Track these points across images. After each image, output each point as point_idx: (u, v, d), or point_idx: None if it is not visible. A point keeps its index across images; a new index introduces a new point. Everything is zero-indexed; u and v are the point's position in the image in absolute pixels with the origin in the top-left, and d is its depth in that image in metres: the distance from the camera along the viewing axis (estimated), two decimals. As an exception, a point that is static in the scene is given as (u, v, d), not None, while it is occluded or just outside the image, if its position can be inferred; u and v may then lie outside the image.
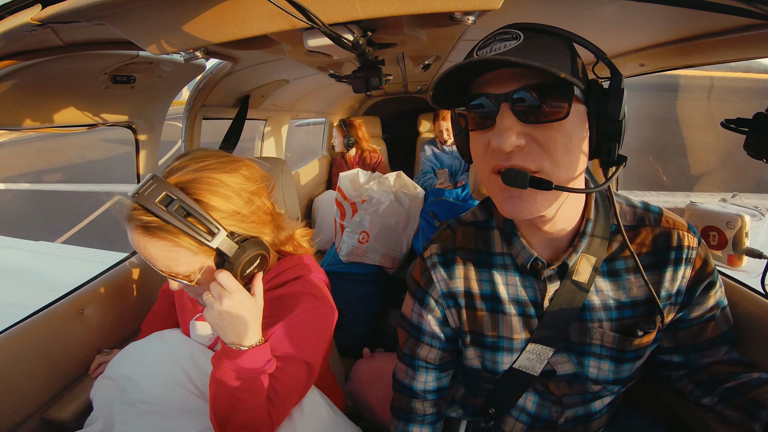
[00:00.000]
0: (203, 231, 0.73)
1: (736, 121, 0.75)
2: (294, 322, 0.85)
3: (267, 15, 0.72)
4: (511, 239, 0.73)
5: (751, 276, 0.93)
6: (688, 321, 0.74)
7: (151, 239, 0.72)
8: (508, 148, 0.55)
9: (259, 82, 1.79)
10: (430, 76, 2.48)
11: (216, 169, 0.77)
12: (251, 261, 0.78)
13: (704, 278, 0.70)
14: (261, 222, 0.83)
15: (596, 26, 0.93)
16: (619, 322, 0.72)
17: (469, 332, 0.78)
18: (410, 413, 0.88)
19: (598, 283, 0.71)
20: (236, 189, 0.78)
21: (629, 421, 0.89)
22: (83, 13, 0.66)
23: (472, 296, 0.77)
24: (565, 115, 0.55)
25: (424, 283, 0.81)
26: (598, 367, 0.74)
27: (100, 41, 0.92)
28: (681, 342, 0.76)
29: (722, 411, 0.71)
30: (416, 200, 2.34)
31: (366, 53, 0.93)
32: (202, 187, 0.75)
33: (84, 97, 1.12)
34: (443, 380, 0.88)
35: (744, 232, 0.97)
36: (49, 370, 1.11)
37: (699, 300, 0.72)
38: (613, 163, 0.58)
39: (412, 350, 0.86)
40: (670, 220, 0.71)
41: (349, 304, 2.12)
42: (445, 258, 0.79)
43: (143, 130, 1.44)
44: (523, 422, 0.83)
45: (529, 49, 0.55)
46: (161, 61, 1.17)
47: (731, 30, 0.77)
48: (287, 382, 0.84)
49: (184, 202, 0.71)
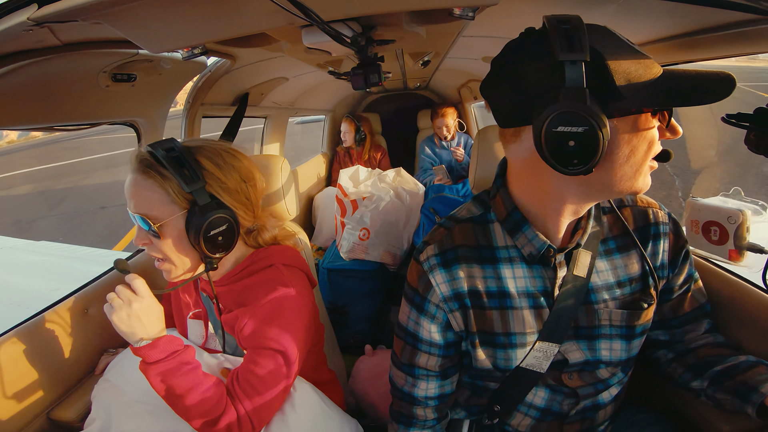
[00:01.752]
0: (189, 181, 0.81)
1: (737, 116, 0.74)
2: (262, 311, 0.86)
3: (265, 12, 0.72)
4: (516, 230, 0.72)
5: (752, 271, 0.93)
6: (669, 292, 0.79)
7: (142, 176, 0.82)
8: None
9: (258, 79, 1.79)
10: (430, 72, 2.48)
11: (219, 147, 0.90)
12: (218, 222, 0.82)
13: (680, 249, 0.77)
14: (242, 204, 0.89)
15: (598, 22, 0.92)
16: (622, 299, 0.74)
17: (477, 333, 0.75)
18: (411, 418, 0.85)
19: (597, 264, 0.74)
20: (229, 164, 0.88)
21: (633, 416, 0.89)
22: (80, 12, 0.65)
23: (479, 295, 0.74)
24: None
25: (422, 289, 0.77)
26: (610, 348, 0.75)
27: (97, 41, 0.92)
28: (664, 316, 0.81)
29: (713, 395, 0.74)
30: (417, 196, 2.34)
31: (365, 50, 0.93)
32: (203, 152, 0.86)
33: (84, 95, 1.12)
34: (446, 387, 0.84)
35: (745, 227, 0.96)
36: (54, 369, 1.11)
37: (679, 271, 0.78)
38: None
39: (410, 359, 0.81)
40: (644, 200, 0.78)
41: (351, 301, 2.12)
42: (444, 258, 0.75)
43: (145, 129, 1.44)
44: (532, 417, 0.82)
45: None
46: (161, 58, 1.17)
47: (731, 25, 0.77)
48: (261, 373, 0.83)
49: (182, 154, 0.82)
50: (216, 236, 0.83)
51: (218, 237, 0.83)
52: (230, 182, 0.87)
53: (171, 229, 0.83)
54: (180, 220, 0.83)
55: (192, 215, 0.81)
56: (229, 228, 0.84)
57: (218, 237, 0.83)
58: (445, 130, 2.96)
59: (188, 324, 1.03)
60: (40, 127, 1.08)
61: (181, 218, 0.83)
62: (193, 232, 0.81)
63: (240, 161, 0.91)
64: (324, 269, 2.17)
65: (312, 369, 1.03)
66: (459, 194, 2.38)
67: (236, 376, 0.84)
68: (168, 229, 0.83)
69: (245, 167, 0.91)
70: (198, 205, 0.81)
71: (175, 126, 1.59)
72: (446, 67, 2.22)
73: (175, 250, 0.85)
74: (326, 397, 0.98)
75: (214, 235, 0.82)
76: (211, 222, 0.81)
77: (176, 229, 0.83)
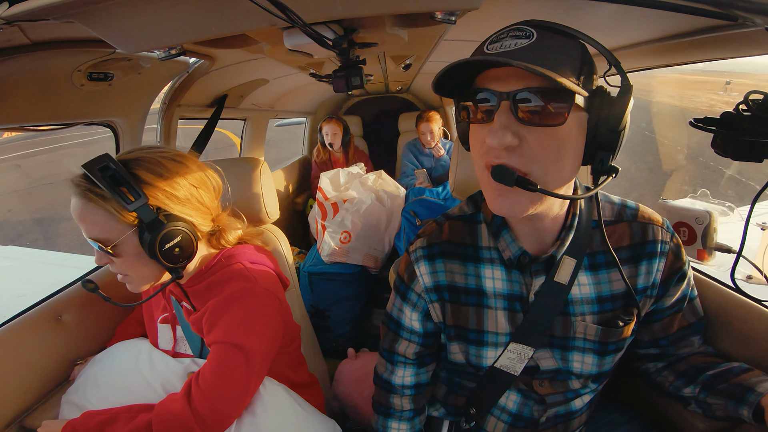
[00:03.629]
0: (129, 199, 0.78)
1: (704, 120, 0.78)
2: (219, 305, 0.86)
3: (246, 13, 0.71)
4: (498, 233, 0.74)
5: (720, 270, 0.96)
6: (660, 313, 0.77)
7: (83, 201, 0.79)
8: (500, 146, 0.56)
9: (237, 81, 1.76)
10: (411, 75, 2.49)
11: (160, 155, 0.85)
12: (170, 235, 0.81)
13: (676, 271, 0.73)
14: (196, 209, 0.87)
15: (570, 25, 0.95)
16: (601, 315, 0.74)
17: (453, 327, 0.78)
18: (389, 408, 0.89)
19: (580, 277, 0.73)
20: (173, 172, 0.84)
21: (606, 416, 0.91)
22: (52, 10, 0.63)
23: (457, 290, 0.77)
24: (562, 122, 0.55)
25: (407, 278, 0.81)
26: (582, 361, 0.75)
27: (69, 40, 0.89)
28: (655, 335, 0.79)
29: (705, 399, 0.72)
30: (398, 199, 2.34)
31: (347, 52, 0.93)
32: (142, 164, 0.82)
33: (58, 95, 1.08)
34: (422, 376, 0.88)
35: (713, 228, 1.00)
36: (26, 377, 1.06)
37: (671, 292, 0.75)
38: (604, 171, 0.58)
39: (390, 345, 0.86)
40: (646, 216, 0.74)
41: (333, 304, 2.11)
42: (430, 251, 0.78)
43: (123, 129, 1.40)
44: (505, 422, 0.83)
45: (540, 50, 0.55)
46: (140, 57, 1.14)
47: (701, 31, 0.80)
48: (217, 368, 0.81)
49: (118, 170, 0.78)
50: (172, 249, 0.81)
51: (174, 249, 0.82)
52: (178, 191, 0.84)
53: (126, 248, 0.81)
54: (132, 237, 0.81)
55: (142, 232, 0.80)
56: (185, 238, 0.83)
57: (174, 249, 0.82)
58: (429, 136, 2.90)
59: (158, 329, 1.01)
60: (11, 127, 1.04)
61: (133, 235, 0.81)
62: (147, 248, 0.80)
63: (186, 166, 0.87)
64: (305, 273, 2.15)
65: (289, 370, 1.02)
66: (440, 197, 2.40)
67: (196, 376, 0.82)
68: (123, 248, 0.81)
69: (193, 171, 0.88)
70: (145, 222, 0.79)
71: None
72: (428, 71, 2.24)
73: (134, 266, 0.84)
74: (302, 399, 0.97)
75: (169, 248, 0.81)
76: (163, 236, 0.80)
77: (131, 246, 0.81)
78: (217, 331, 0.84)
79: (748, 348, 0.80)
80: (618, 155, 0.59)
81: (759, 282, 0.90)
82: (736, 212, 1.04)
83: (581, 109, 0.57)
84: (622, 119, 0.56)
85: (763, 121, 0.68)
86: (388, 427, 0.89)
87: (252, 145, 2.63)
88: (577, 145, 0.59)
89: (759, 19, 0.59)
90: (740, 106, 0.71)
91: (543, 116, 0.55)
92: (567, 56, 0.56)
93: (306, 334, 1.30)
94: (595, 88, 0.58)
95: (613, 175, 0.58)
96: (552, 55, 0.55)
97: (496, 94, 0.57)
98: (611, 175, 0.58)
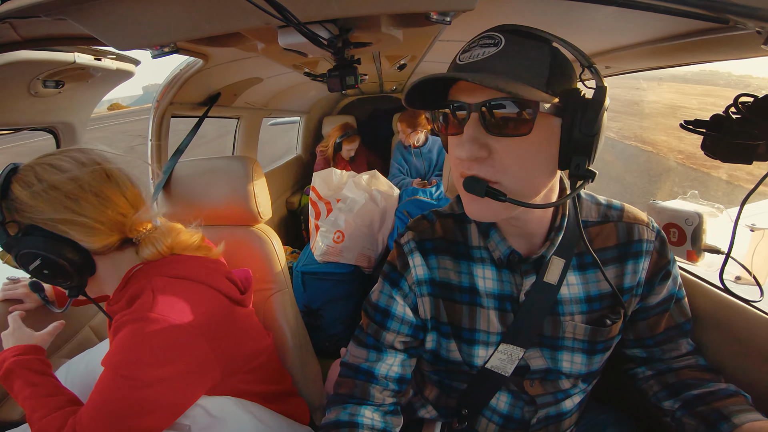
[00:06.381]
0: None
1: (694, 122, 0.79)
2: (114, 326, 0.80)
3: (240, 12, 0.70)
4: (487, 233, 0.74)
5: (709, 270, 0.98)
6: (645, 311, 0.78)
7: None
8: (468, 158, 0.57)
9: (230, 79, 1.75)
10: (406, 75, 2.50)
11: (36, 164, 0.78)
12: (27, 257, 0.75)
13: (660, 269, 0.74)
14: (77, 224, 0.78)
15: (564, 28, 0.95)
16: (589, 315, 0.74)
17: (449, 324, 0.77)
18: (365, 399, 0.78)
19: (569, 277, 0.74)
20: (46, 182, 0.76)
21: (596, 416, 0.92)
22: (44, 7, 0.62)
23: (451, 288, 0.76)
24: (527, 131, 0.55)
25: (400, 266, 0.78)
26: (571, 361, 0.76)
27: (60, 37, 0.87)
28: (640, 334, 0.80)
29: (681, 418, 0.72)
30: (391, 199, 2.34)
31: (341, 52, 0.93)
32: (20, 177, 0.77)
33: (8, 101, 1.08)
34: (407, 368, 0.81)
35: (702, 229, 1.02)
36: None
37: (657, 290, 0.76)
38: (580, 176, 0.57)
39: (376, 334, 0.79)
40: (631, 215, 0.75)
41: (326, 304, 2.10)
42: (422, 246, 0.78)
43: (65, 134, 1.40)
44: (496, 423, 0.83)
45: (504, 58, 0.55)
46: (93, 66, 1.15)
47: (694, 33, 0.81)
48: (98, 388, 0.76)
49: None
50: (40, 269, 0.76)
51: (43, 270, 0.76)
52: (45, 206, 0.75)
53: None
54: None
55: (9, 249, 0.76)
56: (46, 259, 0.75)
57: (43, 270, 0.76)
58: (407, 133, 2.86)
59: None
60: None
61: None
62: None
63: (60, 174, 0.77)
64: (298, 272, 2.14)
65: (257, 386, 0.98)
66: (433, 197, 2.40)
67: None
68: None
69: (72, 181, 0.77)
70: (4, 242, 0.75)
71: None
72: (423, 71, 2.25)
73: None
74: (268, 412, 0.95)
75: (36, 268, 0.75)
76: (20, 257, 0.75)
77: None
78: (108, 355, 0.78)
79: (736, 348, 0.81)
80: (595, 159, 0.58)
81: (748, 282, 0.91)
82: (726, 213, 1.05)
83: (552, 114, 0.56)
84: (596, 122, 0.54)
85: (752, 123, 0.69)
86: (360, 414, 0.75)
87: (245, 144, 2.62)
88: (549, 151, 0.59)
89: (751, 23, 0.59)
90: (730, 108, 0.72)
91: (509, 126, 0.55)
92: (534, 61, 0.56)
93: (299, 334, 1.29)
94: (569, 91, 0.57)
95: (589, 180, 0.58)
96: (518, 61, 0.55)
97: (465, 106, 0.57)
98: (588, 180, 0.57)
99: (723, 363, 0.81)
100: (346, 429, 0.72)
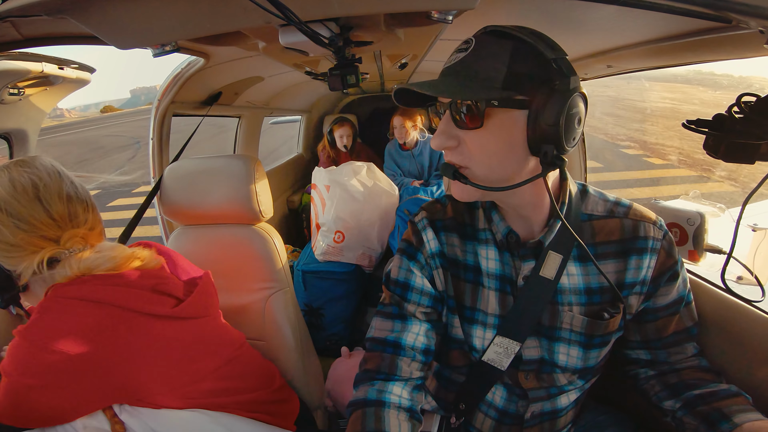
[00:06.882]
0: None
1: (696, 122, 0.78)
2: None
3: (242, 11, 0.70)
4: (490, 215, 0.78)
5: (711, 270, 0.97)
6: (653, 313, 0.77)
7: None
8: (437, 148, 0.68)
9: (231, 78, 1.75)
10: (407, 74, 2.49)
11: None
12: None
13: (668, 269, 0.74)
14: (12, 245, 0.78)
15: (566, 27, 0.95)
16: (588, 306, 0.75)
17: (453, 298, 0.80)
18: (393, 373, 0.76)
19: (569, 267, 0.75)
20: None
21: (595, 417, 0.91)
22: (45, 6, 0.62)
23: (458, 265, 0.80)
24: (479, 125, 0.63)
25: (416, 242, 0.83)
26: (567, 354, 0.76)
27: (61, 36, 0.87)
28: (647, 336, 0.80)
29: (681, 418, 0.73)
30: (392, 198, 2.34)
31: (342, 51, 0.93)
32: None
33: None
34: (431, 339, 0.80)
35: (704, 229, 1.01)
36: None
37: (663, 291, 0.75)
38: (549, 163, 0.62)
39: (399, 304, 0.80)
40: (638, 213, 0.76)
41: (327, 303, 2.11)
42: (434, 225, 0.82)
43: (18, 141, 1.39)
44: (492, 417, 0.83)
45: (467, 61, 0.63)
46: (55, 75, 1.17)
47: (696, 33, 0.81)
48: None
49: None
50: None
51: None
52: None
53: None
54: None
55: None
56: None
57: None
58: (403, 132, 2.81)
59: None
60: None
61: None
62: None
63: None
64: (299, 271, 2.14)
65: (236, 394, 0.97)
66: (434, 196, 2.40)
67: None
68: None
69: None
70: None
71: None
72: (424, 70, 2.24)
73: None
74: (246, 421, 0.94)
75: None
76: None
77: None
78: None
79: (737, 348, 0.81)
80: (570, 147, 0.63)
81: (749, 283, 0.91)
82: (727, 213, 1.05)
83: (507, 108, 0.62)
84: (557, 112, 0.59)
85: (754, 123, 0.69)
86: (387, 391, 0.73)
87: (246, 143, 2.62)
88: (510, 140, 0.64)
89: (753, 22, 0.59)
90: (732, 108, 0.72)
91: (465, 121, 0.64)
92: (493, 60, 0.62)
93: (300, 333, 1.30)
94: (534, 85, 0.61)
95: (556, 167, 0.63)
96: (478, 62, 0.63)
97: (442, 105, 0.68)
98: (554, 167, 0.63)
99: (724, 363, 0.81)
100: (373, 408, 0.72)
